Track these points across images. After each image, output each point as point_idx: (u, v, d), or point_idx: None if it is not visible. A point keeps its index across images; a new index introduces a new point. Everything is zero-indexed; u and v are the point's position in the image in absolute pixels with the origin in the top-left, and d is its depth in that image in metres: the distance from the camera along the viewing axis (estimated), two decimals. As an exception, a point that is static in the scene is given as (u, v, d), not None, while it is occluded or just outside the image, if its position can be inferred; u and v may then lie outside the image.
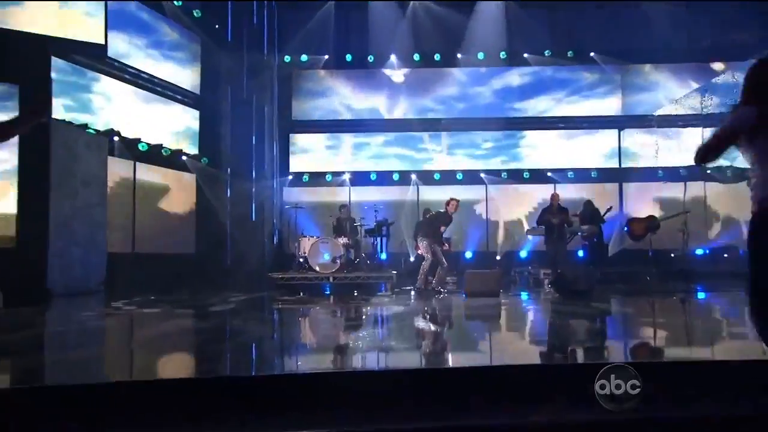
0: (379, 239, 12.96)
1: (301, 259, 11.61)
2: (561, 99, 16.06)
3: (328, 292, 11.16)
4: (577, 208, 12.65)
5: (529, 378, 3.69)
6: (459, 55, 15.91)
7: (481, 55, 15.87)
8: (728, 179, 14.27)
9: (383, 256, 13.22)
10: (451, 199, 11.04)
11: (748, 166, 3.11)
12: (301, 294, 10.56)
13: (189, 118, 14.27)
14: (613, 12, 15.14)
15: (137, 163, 12.49)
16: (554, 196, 12.36)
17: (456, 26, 15.41)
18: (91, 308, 8.53)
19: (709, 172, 13.54)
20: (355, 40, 15.91)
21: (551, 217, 11.91)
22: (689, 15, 14.48)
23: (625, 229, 12.55)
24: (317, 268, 11.31)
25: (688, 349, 5.35)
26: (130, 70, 12.54)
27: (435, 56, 15.91)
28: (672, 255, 13.89)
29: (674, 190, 14.36)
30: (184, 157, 13.81)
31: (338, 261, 11.35)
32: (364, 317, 7.96)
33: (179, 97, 13.92)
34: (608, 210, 12.47)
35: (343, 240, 11.73)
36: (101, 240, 10.63)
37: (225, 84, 14.72)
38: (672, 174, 14.97)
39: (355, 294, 10.66)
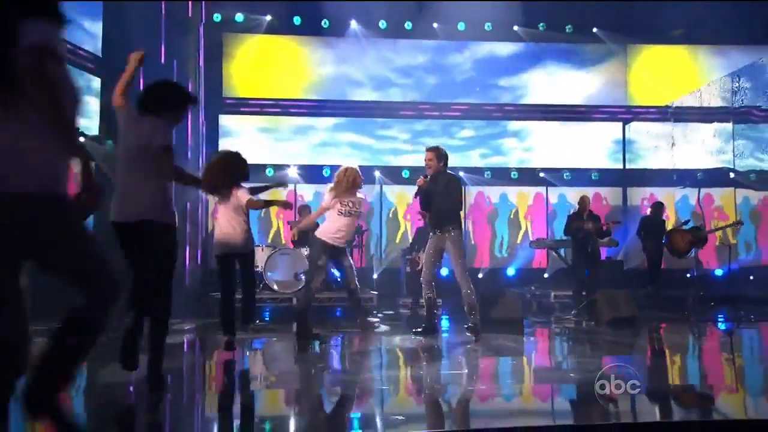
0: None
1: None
2: (556, 82, 13.27)
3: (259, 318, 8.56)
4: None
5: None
6: (435, 25, 12.87)
7: (461, 26, 12.90)
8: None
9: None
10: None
11: None
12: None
13: (87, 88, 10.74)
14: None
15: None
16: (585, 200, 9.58)
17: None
18: None
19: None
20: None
21: (584, 225, 9.20)
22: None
23: (663, 241, 9.96)
24: (275, 287, 8.92)
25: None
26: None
27: (406, 24, 12.79)
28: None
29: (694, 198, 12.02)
30: (82, 139, 10.26)
31: (302, 277, 8.79)
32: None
33: (71, 57, 10.42)
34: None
35: (306, 251, 8.80)
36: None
37: (136, 45, 11.15)
38: (690, 177, 12.53)
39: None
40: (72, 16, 8.73)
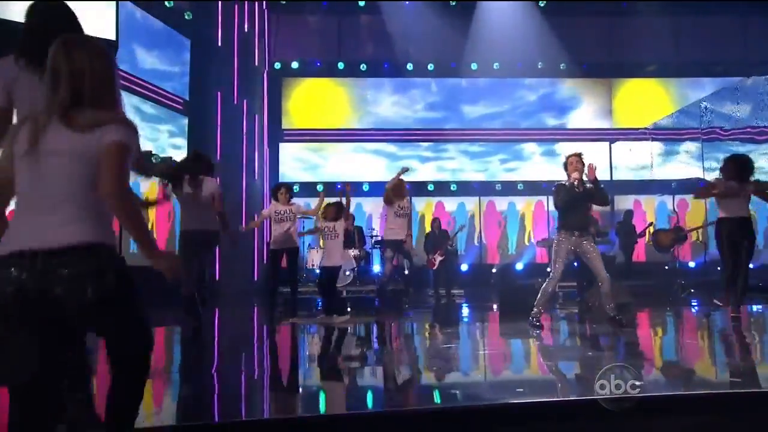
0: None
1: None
2: (551, 111, 16.04)
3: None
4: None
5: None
6: (453, 65, 15.75)
7: (474, 66, 15.74)
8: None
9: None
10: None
11: None
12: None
13: (177, 125, 13.69)
14: (609, 24, 15.25)
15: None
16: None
17: (451, 36, 15.18)
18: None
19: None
20: (348, 48, 15.55)
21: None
22: (687, 29, 14.55)
23: (651, 240, 11.83)
24: (328, 280, 10.95)
25: None
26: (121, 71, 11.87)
27: (428, 66, 15.69)
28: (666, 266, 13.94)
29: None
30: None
31: (351, 273, 11.07)
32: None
33: (166, 101, 13.34)
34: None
35: (354, 251, 11.43)
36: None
37: (214, 89, 14.11)
38: (667, 187, 15.11)
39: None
40: (166, 68, 11.64)
